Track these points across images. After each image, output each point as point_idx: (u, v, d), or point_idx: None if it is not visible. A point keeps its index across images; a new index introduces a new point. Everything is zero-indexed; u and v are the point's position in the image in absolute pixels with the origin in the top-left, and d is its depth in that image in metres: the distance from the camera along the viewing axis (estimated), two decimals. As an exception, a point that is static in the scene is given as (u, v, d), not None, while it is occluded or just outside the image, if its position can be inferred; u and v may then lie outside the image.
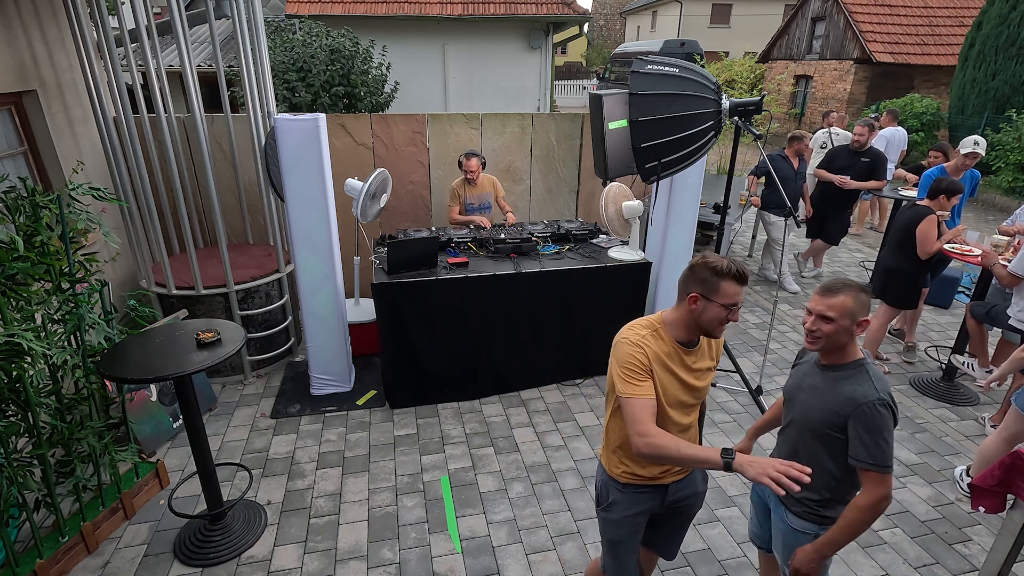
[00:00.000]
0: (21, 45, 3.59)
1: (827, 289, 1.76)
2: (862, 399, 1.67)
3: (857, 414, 1.67)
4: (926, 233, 3.84)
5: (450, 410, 3.89)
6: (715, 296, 1.66)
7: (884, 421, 1.65)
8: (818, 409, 1.77)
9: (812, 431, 1.79)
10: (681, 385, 1.77)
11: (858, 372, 1.74)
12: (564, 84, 27.37)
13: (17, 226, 2.36)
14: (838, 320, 1.71)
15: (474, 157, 4.41)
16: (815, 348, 1.80)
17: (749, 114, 3.41)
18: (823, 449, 1.78)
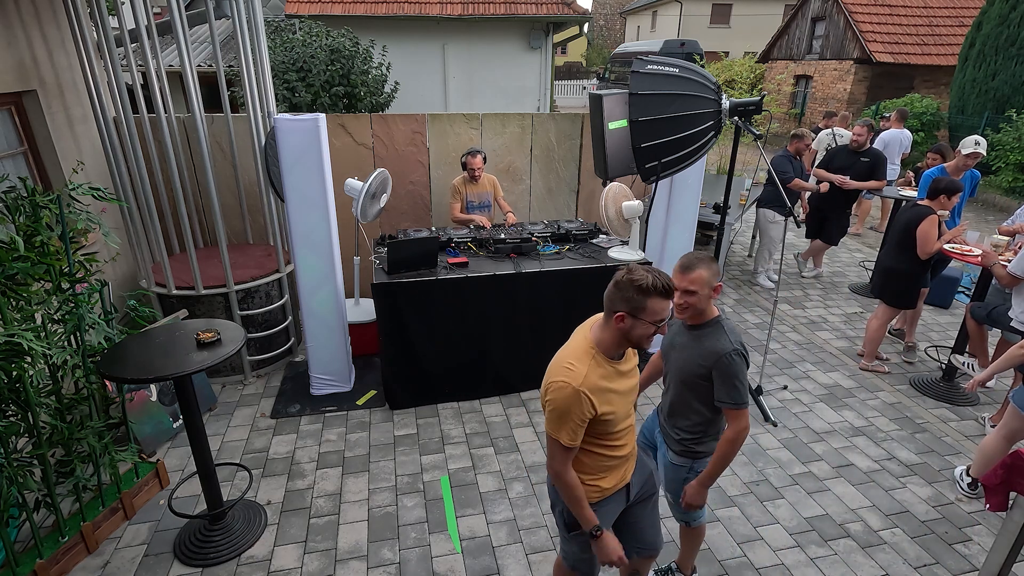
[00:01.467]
0: (21, 45, 3.59)
1: (685, 267, 2.01)
2: (721, 351, 1.99)
3: (718, 364, 1.99)
4: (927, 233, 3.84)
5: (450, 410, 3.89)
6: (642, 314, 1.66)
7: (738, 368, 1.99)
8: (687, 362, 2.08)
9: (684, 381, 2.12)
10: (626, 392, 1.81)
11: (716, 328, 2.05)
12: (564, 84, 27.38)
13: (17, 226, 2.36)
14: (699, 291, 1.99)
15: (479, 154, 4.42)
16: (684, 317, 2.08)
17: (749, 114, 3.41)
18: (693, 395, 2.11)
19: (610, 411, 1.75)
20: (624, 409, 1.82)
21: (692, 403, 2.12)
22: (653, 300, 1.65)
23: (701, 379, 2.04)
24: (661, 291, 1.64)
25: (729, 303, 5.71)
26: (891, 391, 4.22)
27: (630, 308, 1.66)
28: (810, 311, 5.57)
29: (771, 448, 3.55)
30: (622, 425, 1.83)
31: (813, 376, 4.39)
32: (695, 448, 2.18)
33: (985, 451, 3.07)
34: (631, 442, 1.93)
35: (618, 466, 1.90)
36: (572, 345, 1.80)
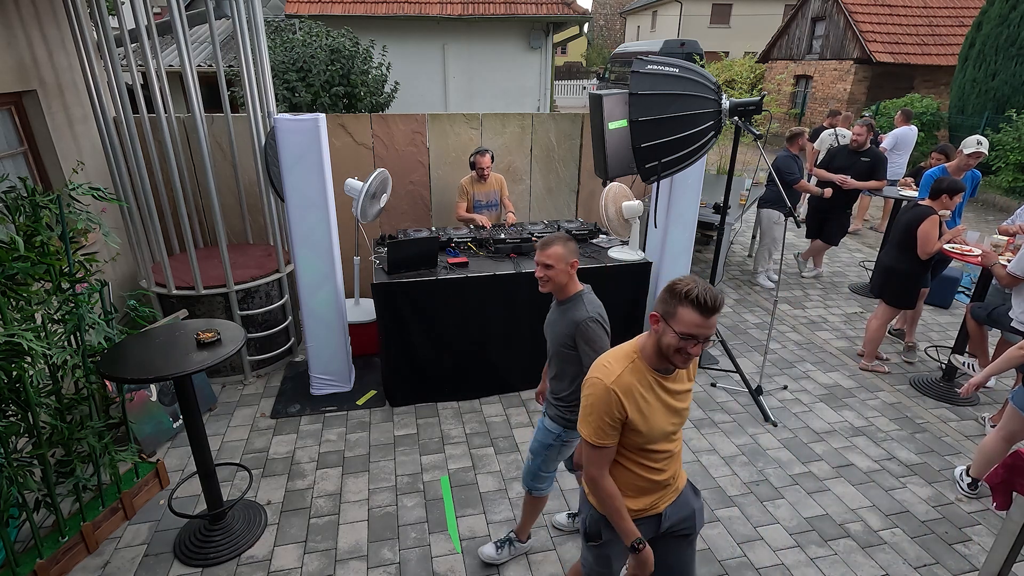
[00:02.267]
0: (21, 45, 3.59)
1: (543, 244, 2.19)
2: (579, 319, 2.16)
3: (578, 331, 2.16)
4: (927, 233, 3.84)
5: (450, 410, 3.89)
6: (671, 321, 1.59)
7: (596, 333, 2.15)
8: (557, 335, 2.25)
9: (556, 353, 2.28)
10: (666, 409, 1.73)
11: (576, 301, 2.22)
12: (564, 84, 27.37)
13: (17, 226, 2.36)
14: (555, 265, 2.17)
15: (487, 153, 4.43)
16: (546, 290, 2.24)
17: (749, 114, 3.42)
18: (565, 365, 2.26)
19: (641, 421, 1.68)
20: (660, 427, 1.72)
21: (565, 373, 2.28)
22: (683, 309, 1.56)
23: (568, 348, 2.20)
24: (694, 302, 1.54)
25: (729, 303, 5.71)
26: (891, 391, 4.22)
27: (663, 311, 1.61)
28: (810, 311, 5.57)
29: (771, 448, 3.55)
30: (658, 446, 1.75)
31: (813, 376, 4.39)
32: (567, 416, 2.33)
33: (985, 451, 3.07)
34: (672, 471, 1.84)
35: (651, 490, 1.81)
36: (618, 346, 1.78)
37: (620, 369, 1.68)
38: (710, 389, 4.16)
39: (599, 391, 1.66)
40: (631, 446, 1.74)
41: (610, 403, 1.65)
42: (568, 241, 2.19)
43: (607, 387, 1.65)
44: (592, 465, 1.74)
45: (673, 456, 1.82)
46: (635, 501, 1.81)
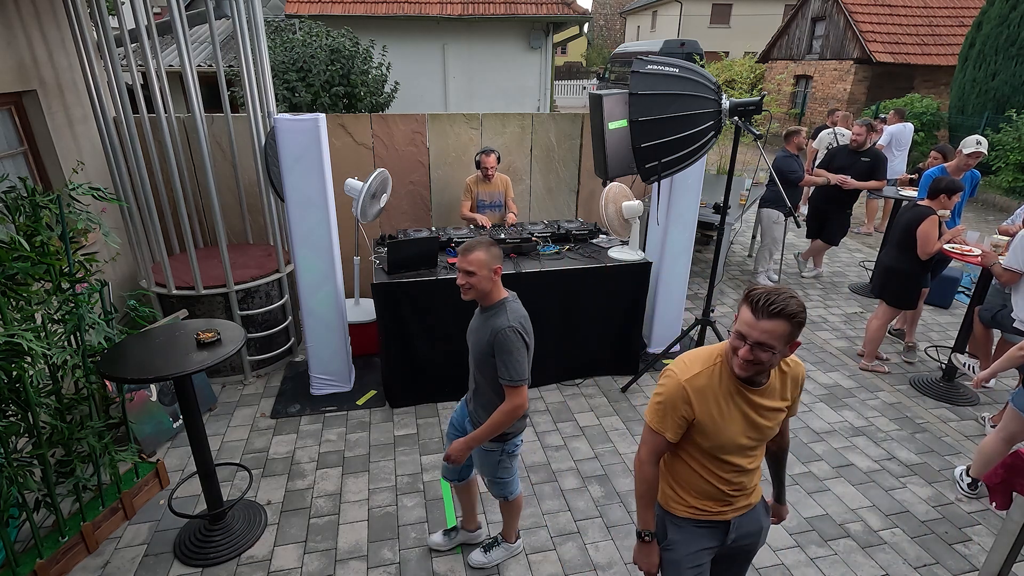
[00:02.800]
0: (21, 45, 3.59)
1: (464, 249, 2.10)
2: (498, 328, 2.08)
3: (496, 340, 2.08)
4: (927, 234, 3.84)
5: (450, 410, 3.88)
6: (736, 318, 1.55)
7: (513, 344, 2.07)
8: (477, 343, 2.19)
9: (478, 364, 2.23)
10: (745, 422, 1.63)
11: (499, 309, 2.15)
12: (564, 84, 27.36)
13: (17, 226, 2.36)
14: (478, 271, 2.08)
15: (492, 153, 4.43)
16: (468, 297, 2.15)
17: (749, 114, 3.41)
18: (489, 374, 2.19)
19: (711, 426, 1.61)
20: (733, 439, 1.63)
21: (489, 384, 2.21)
22: (743, 306, 1.52)
23: (489, 357, 2.14)
24: (750, 300, 1.49)
25: (729, 303, 5.71)
26: (891, 391, 4.22)
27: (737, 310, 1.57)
28: (810, 311, 5.56)
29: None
30: (730, 457, 1.67)
31: (813, 376, 4.39)
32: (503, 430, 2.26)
33: (985, 452, 3.07)
34: (742, 484, 1.74)
35: (715, 496, 1.73)
36: (704, 347, 1.72)
37: (699, 369, 1.63)
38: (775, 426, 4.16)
39: (671, 385, 1.63)
40: (698, 448, 1.68)
41: (677, 399, 1.62)
42: (491, 247, 2.12)
43: (679, 383, 1.61)
44: (643, 445, 1.73)
45: (745, 471, 1.72)
46: (695, 499, 1.76)
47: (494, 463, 2.37)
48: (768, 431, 1.68)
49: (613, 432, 3.67)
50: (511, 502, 2.56)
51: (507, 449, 2.35)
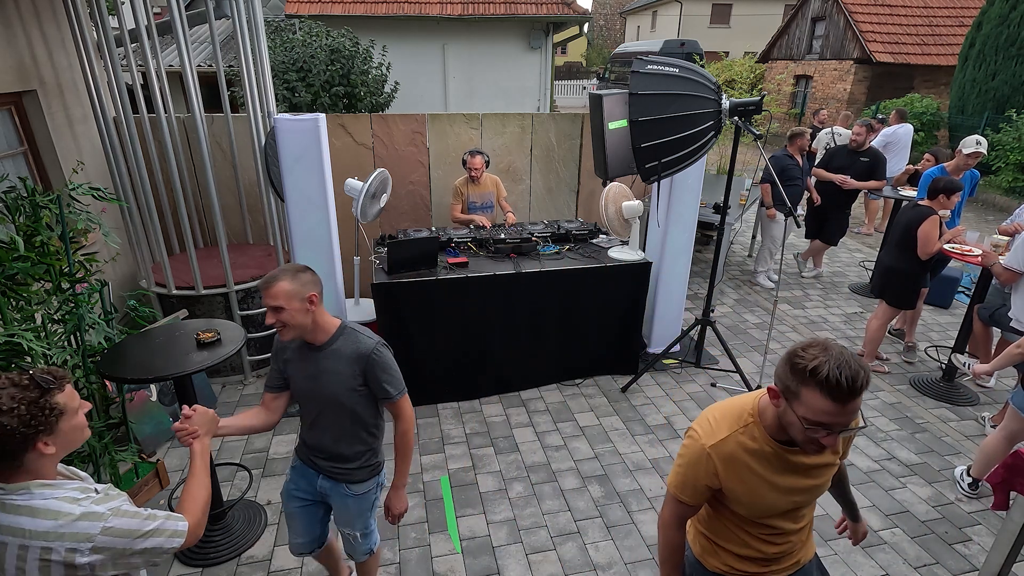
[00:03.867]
0: (21, 45, 3.59)
1: (265, 283, 1.74)
2: (367, 351, 1.84)
3: (370, 364, 1.85)
4: (928, 234, 3.84)
5: (450, 410, 3.89)
6: (794, 402, 1.26)
7: (388, 358, 1.90)
8: (334, 383, 1.85)
9: (345, 405, 1.89)
10: (779, 492, 1.41)
11: (347, 334, 1.87)
12: (564, 84, 27.36)
13: (17, 226, 2.36)
14: (286, 305, 1.73)
15: (479, 155, 4.42)
16: (288, 337, 1.80)
17: (749, 114, 3.42)
18: (354, 412, 1.91)
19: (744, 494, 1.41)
20: (772, 505, 1.43)
21: (359, 421, 1.95)
22: (809, 391, 1.21)
23: (357, 390, 1.88)
24: (824, 384, 1.18)
25: (729, 303, 5.71)
26: (891, 391, 4.22)
27: (782, 388, 1.28)
28: (810, 311, 5.57)
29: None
30: (771, 522, 1.47)
31: (813, 376, 4.38)
32: (375, 461, 2.07)
33: (986, 451, 3.07)
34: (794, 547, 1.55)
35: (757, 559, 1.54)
36: (735, 399, 1.47)
37: (727, 432, 1.40)
38: (710, 389, 4.16)
39: (694, 450, 1.42)
40: (734, 513, 1.48)
41: (700, 466, 1.41)
42: (299, 273, 1.77)
43: (703, 448, 1.40)
44: (666, 506, 1.54)
45: (793, 532, 1.51)
46: (734, 560, 1.56)
47: (370, 505, 2.09)
48: (818, 490, 1.44)
49: (613, 432, 3.67)
50: (376, 553, 2.26)
51: (380, 481, 2.11)
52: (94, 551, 1.23)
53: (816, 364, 1.19)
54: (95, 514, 1.25)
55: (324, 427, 1.96)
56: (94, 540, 1.23)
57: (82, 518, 1.23)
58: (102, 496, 1.30)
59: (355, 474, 2.02)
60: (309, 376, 1.88)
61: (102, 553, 1.24)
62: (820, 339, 1.26)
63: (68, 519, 1.22)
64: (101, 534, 1.24)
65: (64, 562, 1.21)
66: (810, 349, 1.23)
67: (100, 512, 1.26)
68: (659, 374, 4.34)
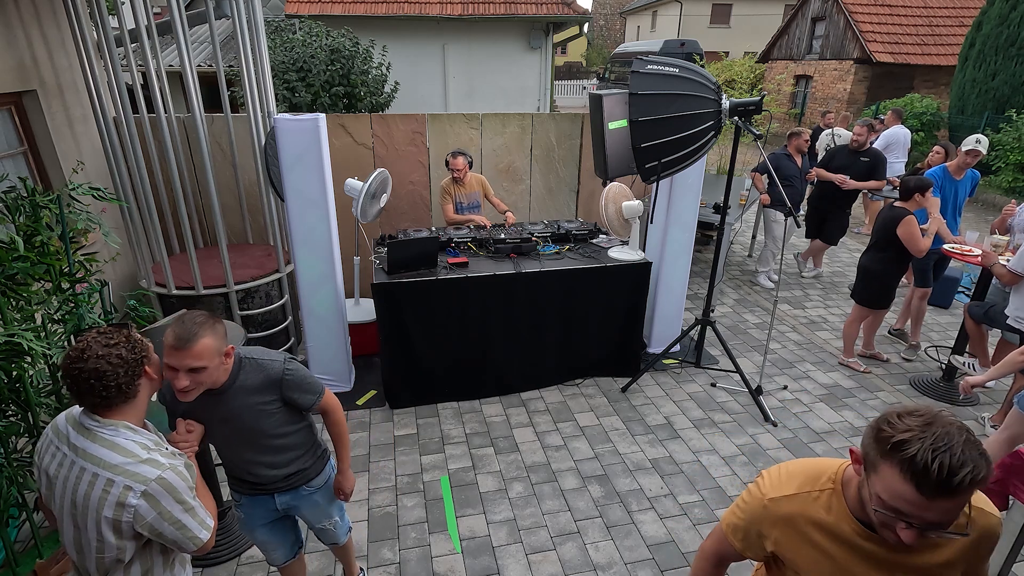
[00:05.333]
0: (21, 45, 3.59)
1: (182, 341, 1.53)
2: (277, 375, 1.79)
3: (285, 386, 1.80)
4: (911, 235, 3.84)
5: (450, 410, 3.89)
6: (872, 474, 1.04)
7: (300, 371, 1.85)
8: (257, 415, 1.78)
9: (263, 432, 1.82)
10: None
11: (247, 365, 1.76)
12: (564, 84, 27.36)
13: (17, 226, 2.36)
14: (209, 364, 1.59)
15: (460, 156, 4.38)
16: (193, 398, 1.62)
17: (749, 114, 3.42)
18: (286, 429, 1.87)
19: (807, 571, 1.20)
20: None
21: (286, 437, 1.88)
22: (889, 467, 0.99)
23: (274, 413, 1.81)
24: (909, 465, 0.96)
25: (729, 303, 5.71)
26: (891, 391, 4.22)
27: (864, 453, 1.07)
28: (810, 311, 5.57)
29: (771, 448, 3.55)
30: None
31: (813, 376, 4.39)
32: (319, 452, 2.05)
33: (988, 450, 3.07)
34: None
35: None
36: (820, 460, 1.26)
37: (793, 491, 1.19)
38: (710, 389, 4.16)
39: (754, 498, 1.25)
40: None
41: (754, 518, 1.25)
42: (215, 324, 1.63)
43: (762, 500, 1.22)
44: (711, 537, 1.41)
45: None
46: None
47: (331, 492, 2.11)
48: None
49: (613, 432, 3.67)
50: (348, 539, 2.34)
51: (331, 462, 2.13)
52: (144, 496, 1.36)
53: (906, 438, 0.97)
54: (157, 463, 1.40)
55: (255, 459, 1.89)
56: (147, 485, 1.37)
57: (146, 463, 1.38)
58: (169, 452, 1.46)
59: (309, 472, 2.02)
60: (218, 420, 1.78)
61: (149, 501, 1.37)
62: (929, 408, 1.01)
63: (135, 460, 1.38)
64: (155, 481, 1.37)
65: (118, 500, 1.35)
66: (907, 418, 1.00)
67: (162, 463, 1.40)
68: (659, 374, 4.34)
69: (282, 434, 1.88)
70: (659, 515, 3.00)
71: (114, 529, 1.37)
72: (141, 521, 1.38)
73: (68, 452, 1.41)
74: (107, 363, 1.36)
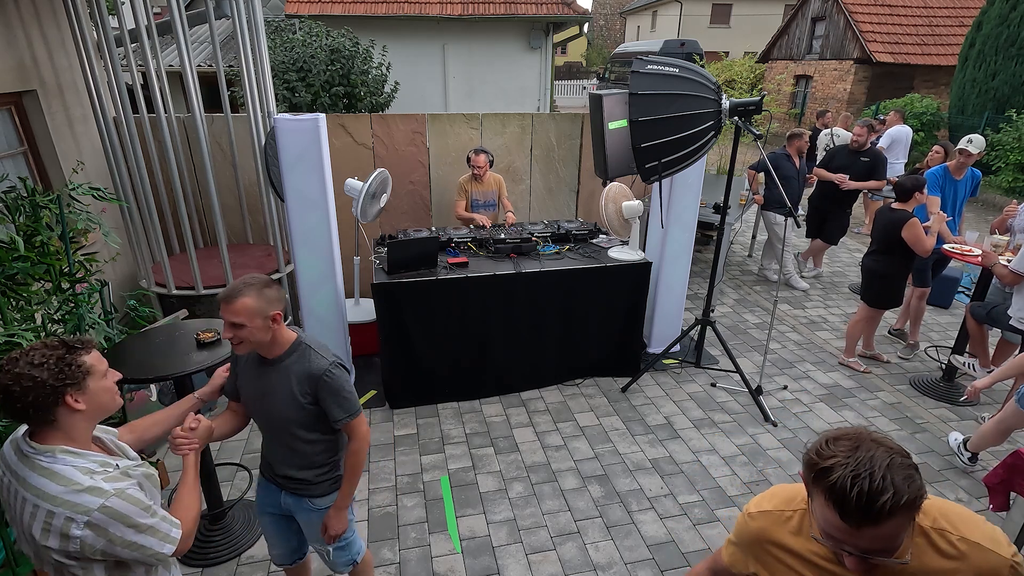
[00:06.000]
0: (21, 45, 3.59)
1: (227, 296, 1.66)
2: (319, 372, 1.75)
3: (320, 385, 1.76)
4: (917, 237, 3.84)
5: (450, 410, 3.89)
6: (811, 501, 1.05)
7: (342, 380, 1.80)
8: (282, 401, 1.78)
9: (296, 422, 1.81)
10: None
11: (301, 351, 1.79)
12: (564, 84, 27.37)
13: (17, 226, 2.36)
14: (248, 323, 1.67)
15: (483, 154, 4.45)
16: (243, 351, 1.75)
17: (749, 114, 3.42)
18: (305, 430, 1.83)
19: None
20: None
21: (314, 438, 1.87)
22: (817, 494, 0.99)
23: (307, 408, 1.79)
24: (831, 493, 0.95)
25: (729, 303, 5.71)
26: (891, 391, 4.22)
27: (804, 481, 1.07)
28: (810, 311, 5.57)
29: (771, 448, 3.55)
30: None
31: (813, 376, 4.39)
32: (339, 474, 1.98)
33: (983, 434, 3.13)
34: None
35: None
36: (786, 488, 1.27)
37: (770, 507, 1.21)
38: (710, 389, 4.16)
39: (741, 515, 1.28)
40: None
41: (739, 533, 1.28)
42: (264, 288, 1.69)
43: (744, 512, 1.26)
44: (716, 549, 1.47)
45: None
46: None
47: None
48: None
49: (613, 432, 3.67)
50: (362, 563, 2.21)
51: None
52: (88, 526, 1.25)
53: (829, 465, 0.95)
54: (99, 490, 1.27)
55: (276, 445, 1.91)
56: (90, 515, 1.25)
57: (87, 491, 1.26)
58: (116, 474, 1.33)
59: (315, 488, 1.95)
60: (257, 393, 1.82)
61: (94, 531, 1.26)
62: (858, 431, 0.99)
63: (75, 488, 1.26)
64: (98, 511, 1.26)
65: (60, 531, 1.25)
66: (836, 444, 0.98)
67: (104, 489, 1.28)
68: (659, 374, 4.34)
69: (305, 436, 1.85)
70: (659, 515, 3.00)
71: (67, 556, 1.28)
72: (90, 549, 1.28)
73: (11, 480, 1.30)
74: (18, 384, 1.24)
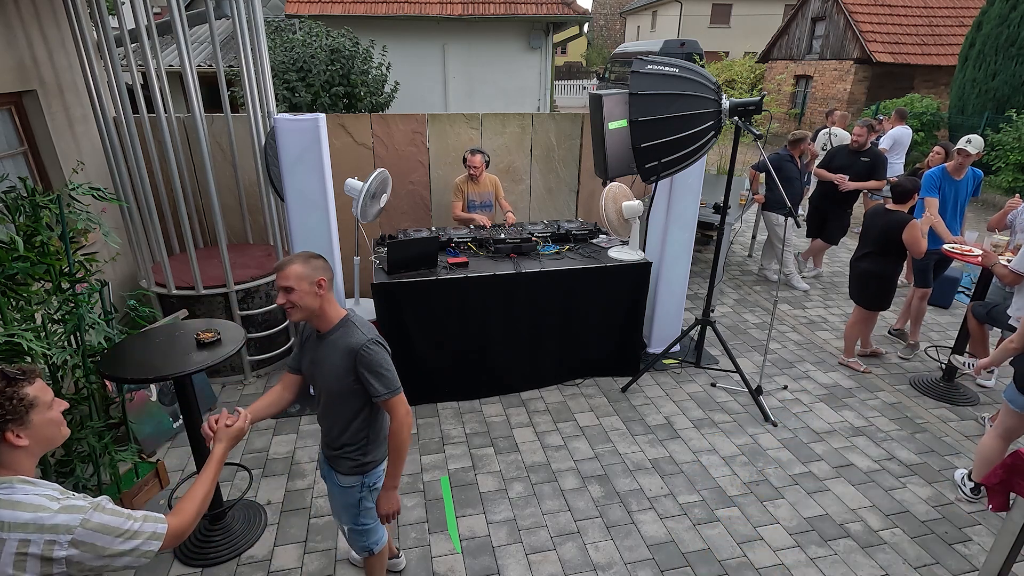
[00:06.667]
0: (21, 45, 3.59)
1: (278, 266, 1.87)
2: (357, 345, 1.88)
3: (359, 359, 1.88)
4: (916, 239, 3.85)
5: (450, 410, 3.89)
6: None
7: (379, 356, 1.91)
8: (330, 372, 1.93)
9: (333, 394, 1.98)
10: None
11: (346, 328, 1.94)
12: (564, 84, 27.37)
13: (17, 226, 2.36)
14: (296, 286, 1.83)
15: (479, 154, 4.44)
16: (296, 318, 1.90)
17: (749, 114, 3.42)
18: (347, 404, 1.98)
19: None
20: None
21: (348, 414, 2.00)
22: None
23: (350, 383, 1.92)
24: None
25: (729, 303, 5.71)
26: (891, 391, 4.22)
27: None
28: (810, 311, 5.57)
29: (771, 448, 3.55)
30: None
31: (813, 376, 4.39)
32: (363, 460, 2.06)
33: (983, 453, 3.07)
34: None
35: None
36: None
37: None
38: (710, 389, 4.16)
39: None
40: None
41: None
42: (311, 258, 1.88)
43: None
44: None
45: None
46: None
47: (354, 504, 2.10)
48: None
49: (613, 432, 3.67)
50: (377, 555, 2.24)
51: (368, 483, 2.08)
52: (73, 544, 1.23)
53: None
54: (76, 507, 1.26)
55: (323, 411, 2.07)
56: (74, 532, 1.23)
57: (63, 511, 1.24)
58: (82, 497, 1.31)
59: (339, 463, 2.07)
60: (313, 361, 2.00)
61: (80, 548, 1.24)
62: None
63: (48, 512, 1.23)
64: (81, 527, 1.24)
65: (41, 555, 1.21)
66: None
67: (81, 506, 1.26)
68: (659, 374, 4.34)
69: (341, 409, 1.99)
70: (659, 515, 3.01)
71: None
72: (80, 567, 1.26)
73: None
74: None
